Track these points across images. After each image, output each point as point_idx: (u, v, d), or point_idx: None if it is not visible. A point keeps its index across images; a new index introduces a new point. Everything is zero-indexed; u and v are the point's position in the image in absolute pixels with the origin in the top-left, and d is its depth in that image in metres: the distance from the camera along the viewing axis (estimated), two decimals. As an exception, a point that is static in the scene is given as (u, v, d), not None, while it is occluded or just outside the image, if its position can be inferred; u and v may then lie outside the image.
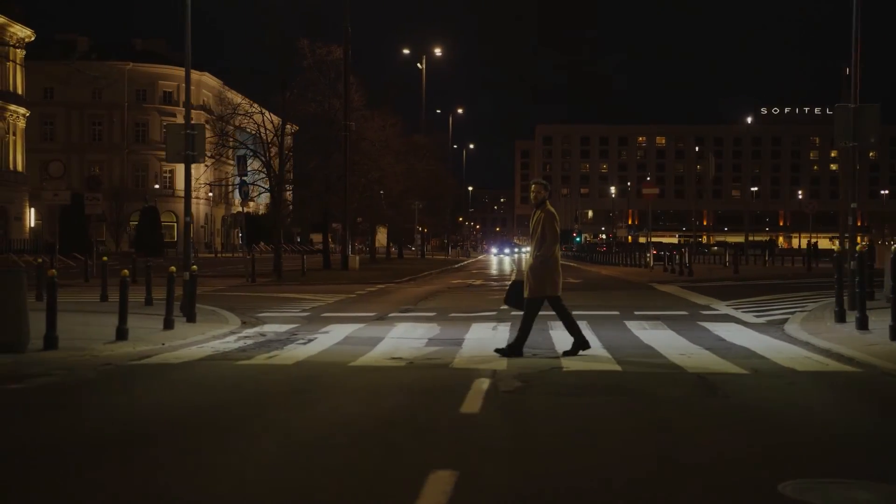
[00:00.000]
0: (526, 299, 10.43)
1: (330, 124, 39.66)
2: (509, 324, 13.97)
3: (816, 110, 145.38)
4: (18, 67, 67.69)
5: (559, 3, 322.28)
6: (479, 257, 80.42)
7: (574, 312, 15.50)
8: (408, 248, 76.09)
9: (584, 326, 13.35)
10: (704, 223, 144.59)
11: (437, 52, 63.41)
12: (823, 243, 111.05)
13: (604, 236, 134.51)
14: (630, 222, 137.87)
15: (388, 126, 45.49)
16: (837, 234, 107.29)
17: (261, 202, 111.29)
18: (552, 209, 10.44)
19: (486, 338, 12.11)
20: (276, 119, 36.78)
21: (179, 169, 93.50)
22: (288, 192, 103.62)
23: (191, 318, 14.14)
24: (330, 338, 12.27)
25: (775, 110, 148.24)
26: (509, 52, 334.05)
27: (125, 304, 11.95)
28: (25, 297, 10.24)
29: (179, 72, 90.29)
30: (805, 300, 17.43)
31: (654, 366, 9.27)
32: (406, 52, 61.66)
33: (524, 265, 10.80)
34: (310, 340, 11.98)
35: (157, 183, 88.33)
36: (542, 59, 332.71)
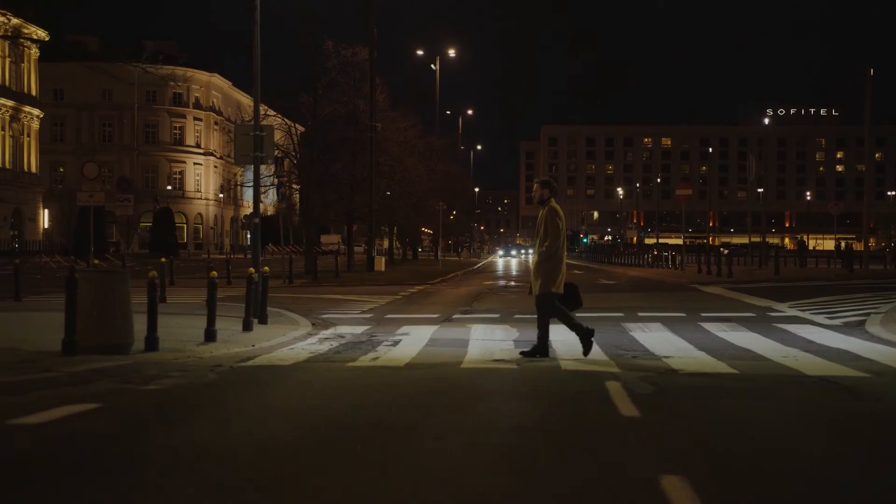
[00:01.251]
0: (536, 297, 10.45)
1: (355, 125, 39.62)
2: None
3: (822, 111, 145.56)
4: (33, 69, 67.77)
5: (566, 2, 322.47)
6: (490, 259, 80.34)
7: (640, 314, 15.73)
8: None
9: (659, 328, 13.46)
10: (710, 224, 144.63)
11: (451, 52, 63.37)
12: (830, 245, 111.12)
13: (609, 237, 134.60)
14: (635, 222, 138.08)
15: (409, 127, 45.54)
16: (849, 235, 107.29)
17: (268, 203, 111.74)
18: (556, 206, 10.41)
19: (569, 340, 12.07)
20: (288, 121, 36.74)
21: (189, 170, 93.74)
22: (295, 194, 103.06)
23: (262, 319, 14.11)
24: (414, 340, 12.25)
25: (781, 111, 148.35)
26: (513, 52, 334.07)
27: (213, 306, 11.95)
28: (130, 300, 10.23)
29: (189, 73, 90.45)
30: (866, 301, 17.46)
31: (767, 368, 9.24)
32: (420, 53, 61.59)
33: (530, 263, 10.89)
34: (396, 342, 11.96)
35: (169, 184, 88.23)
36: (548, 58, 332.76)
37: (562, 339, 12.25)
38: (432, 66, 63.71)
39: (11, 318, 13.72)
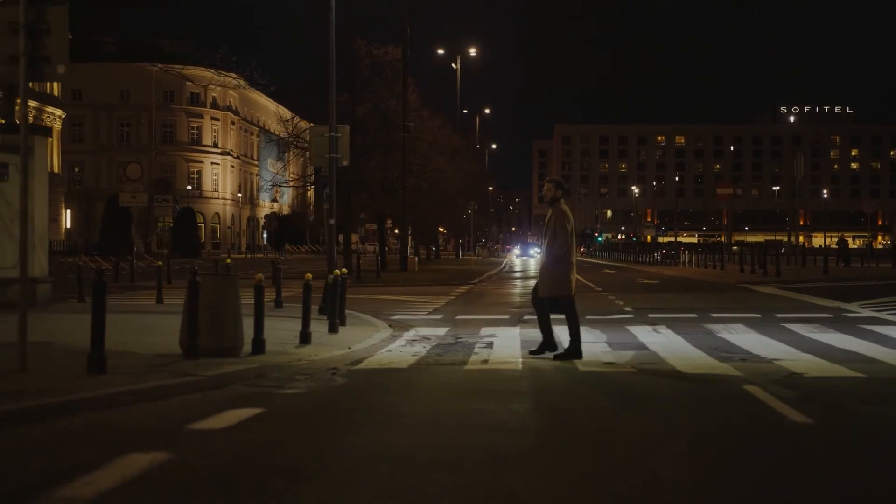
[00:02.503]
0: (552, 300, 10.36)
1: (386, 125, 39.59)
2: (664, 325, 13.96)
3: (837, 108, 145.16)
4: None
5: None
6: (510, 259, 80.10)
7: (714, 315, 15.69)
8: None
9: (743, 329, 13.41)
10: (724, 222, 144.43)
11: (472, 52, 63.27)
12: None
13: (622, 236, 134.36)
14: (649, 221, 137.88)
15: (438, 127, 45.52)
16: (863, 234, 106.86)
17: (284, 202, 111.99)
18: (564, 208, 10.37)
19: (661, 341, 12.04)
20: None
21: (207, 170, 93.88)
22: (309, 192, 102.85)
23: (342, 321, 14.11)
24: (505, 342, 12.23)
25: (795, 109, 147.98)
26: (526, 51, 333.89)
27: (308, 309, 11.96)
28: (240, 303, 10.23)
29: (207, 73, 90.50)
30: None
31: (888, 371, 9.20)
32: (440, 52, 61.51)
33: (539, 265, 10.84)
34: (489, 344, 11.94)
35: (187, 184, 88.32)
36: (562, 57, 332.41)
37: (650, 339, 12.24)
38: (453, 65, 63.72)
39: (82, 320, 13.68)
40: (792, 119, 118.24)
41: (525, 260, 70.17)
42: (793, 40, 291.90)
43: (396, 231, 64.48)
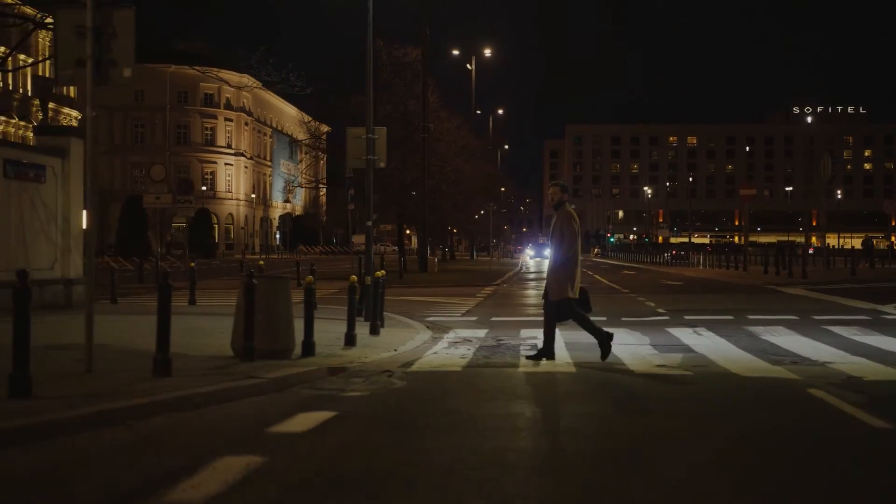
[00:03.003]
0: (553, 302, 10.40)
1: (406, 126, 39.62)
2: (703, 327, 13.93)
3: (850, 109, 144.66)
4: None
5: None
6: (521, 259, 79.71)
7: (751, 317, 15.65)
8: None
9: (785, 331, 13.37)
10: (737, 223, 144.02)
11: (487, 52, 63.24)
12: (858, 243, 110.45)
13: (633, 236, 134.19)
14: (661, 222, 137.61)
15: (456, 127, 45.59)
16: (876, 234, 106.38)
17: (297, 203, 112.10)
18: (571, 210, 10.43)
19: (705, 344, 11.99)
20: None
21: (221, 171, 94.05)
22: (322, 193, 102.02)
23: (382, 323, 14.12)
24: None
25: (807, 109, 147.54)
26: (537, 51, 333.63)
27: (353, 311, 12.00)
28: (291, 305, 10.26)
29: (221, 74, 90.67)
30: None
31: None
32: (455, 52, 61.49)
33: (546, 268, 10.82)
34: (532, 347, 11.90)
35: (203, 185, 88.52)
36: (575, 55, 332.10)
37: (693, 341, 12.21)
38: (468, 65, 63.72)
39: (138, 322, 13.75)
40: (808, 119, 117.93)
41: (539, 261, 69.77)
42: (804, 40, 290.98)
43: (408, 232, 64.45)
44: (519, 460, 5.42)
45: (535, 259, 76.72)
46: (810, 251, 36.06)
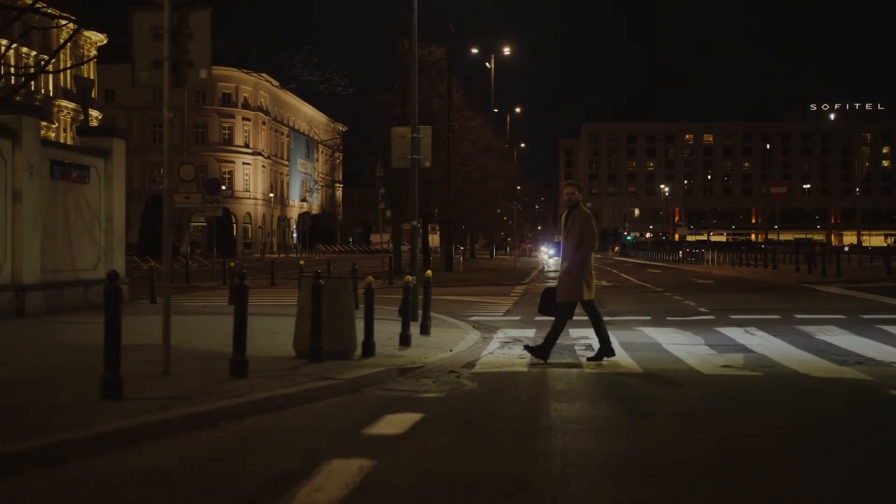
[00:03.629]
0: (559, 303, 10.30)
1: (430, 124, 39.55)
2: (753, 327, 13.85)
3: (867, 106, 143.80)
4: (92, 72, 68.36)
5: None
6: (540, 259, 79.09)
7: (797, 316, 15.55)
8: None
9: (838, 330, 13.27)
10: (753, 221, 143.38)
11: (506, 51, 63.13)
12: (877, 241, 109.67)
13: (650, 234, 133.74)
14: (677, 220, 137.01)
15: (479, 126, 45.52)
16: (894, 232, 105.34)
17: (314, 202, 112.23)
18: (588, 210, 10.33)
19: (761, 343, 11.90)
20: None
21: (238, 170, 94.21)
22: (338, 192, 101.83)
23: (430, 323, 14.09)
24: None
25: (825, 106, 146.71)
26: (549, 50, 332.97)
27: (408, 311, 11.99)
28: (353, 305, 10.25)
29: (238, 73, 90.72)
30: None
31: None
32: (475, 51, 61.38)
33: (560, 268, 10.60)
34: (587, 346, 11.80)
35: (222, 185, 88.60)
36: (589, 54, 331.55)
37: (749, 342, 12.12)
38: (487, 64, 63.65)
39: (188, 322, 13.76)
40: (833, 116, 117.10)
41: (559, 261, 68.39)
42: (822, 37, 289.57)
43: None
44: (631, 463, 5.37)
45: (555, 258, 75.48)
46: (846, 249, 35.73)
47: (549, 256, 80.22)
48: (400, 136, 15.48)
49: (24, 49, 48.75)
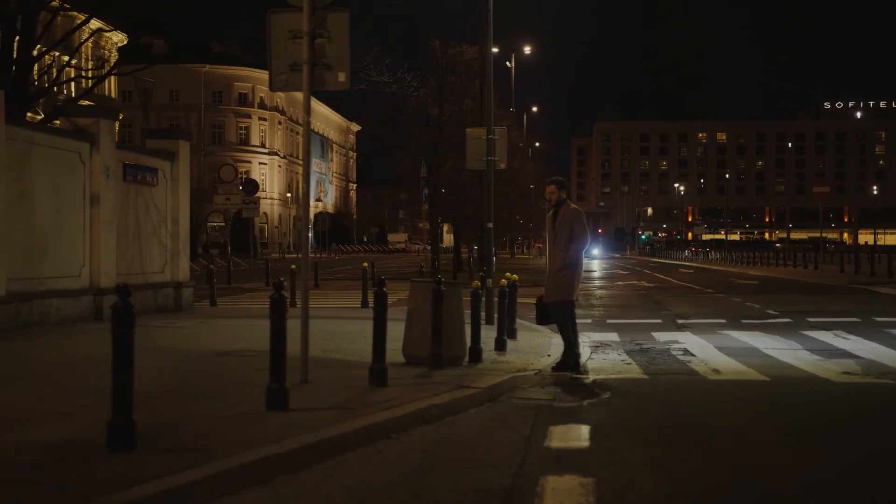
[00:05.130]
0: (555, 304, 9.81)
1: (462, 125, 39.38)
2: (840, 330, 13.68)
3: (882, 104, 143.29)
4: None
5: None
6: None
7: (876, 319, 15.35)
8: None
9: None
10: (767, 220, 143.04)
11: (527, 50, 62.88)
12: (892, 240, 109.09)
13: (663, 234, 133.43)
14: (690, 220, 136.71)
15: (510, 126, 45.36)
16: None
17: (328, 202, 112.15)
18: (577, 208, 9.91)
19: (862, 348, 11.69)
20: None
21: (255, 170, 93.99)
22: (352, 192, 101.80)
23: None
24: (699, 349, 11.85)
25: (839, 104, 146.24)
26: (562, 48, 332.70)
27: (503, 316, 11.85)
28: (463, 310, 10.11)
29: (255, 73, 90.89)
30: None
31: None
32: (495, 50, 61.06)
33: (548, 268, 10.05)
34: (685, 351, 11.63)
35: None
36: (599, 52, 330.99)
37: (849, 346, 11.94)
38: (507, 63, 63.41)
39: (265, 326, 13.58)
40: (858, 115, 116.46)
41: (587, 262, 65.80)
42: (837, 35, 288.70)
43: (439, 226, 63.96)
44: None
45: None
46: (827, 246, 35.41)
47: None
48: (474, 137, 15.36)
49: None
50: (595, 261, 64.57)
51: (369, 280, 19.74)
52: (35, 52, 16.83)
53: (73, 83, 18.91)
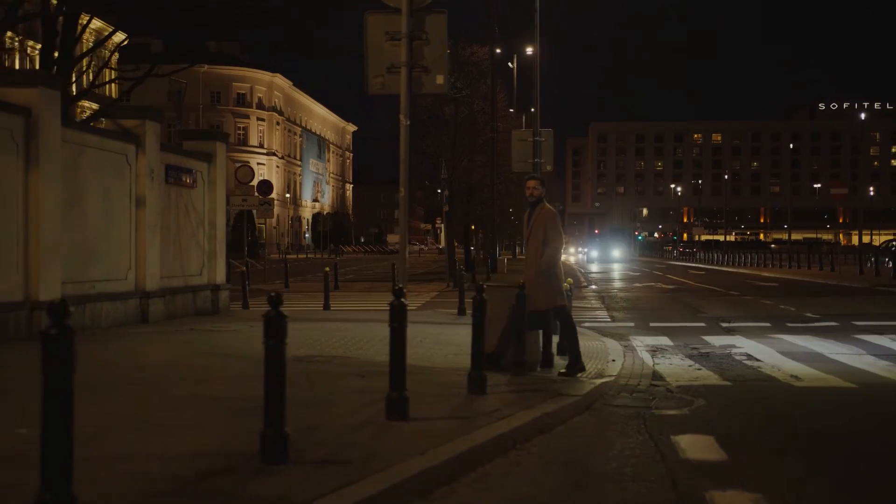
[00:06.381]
0: (548, 312, 9.29)
1: (472, 126, 39.29)
2: (894, 334, 13.63)
3: (877, 105, 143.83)
4: (113, 73, 67.96)
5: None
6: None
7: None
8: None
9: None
10: (762, 220, 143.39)
11: (528, 50, 62.78)
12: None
13: (657, 234, 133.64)
14: (685, 221, 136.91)
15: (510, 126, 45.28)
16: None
17: (325, 202, 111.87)
18: (551, 207, 9.51)
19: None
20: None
21: (253, 170, 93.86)
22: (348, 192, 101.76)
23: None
24: (760, 353, 11.75)
25: (833, 105, 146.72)
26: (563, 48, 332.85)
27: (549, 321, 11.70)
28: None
29: (252, 73, 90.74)
30: None
31: None
32: (498, 51, 60.97)
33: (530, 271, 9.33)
34: (749, 356, 11.51)
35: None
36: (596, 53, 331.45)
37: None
38: (509, 64, 63.32)
39: (312, 329, 13.45)
40: (864, 116, 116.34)
41: (601, 265, 58.31)
42: (832, 36, 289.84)
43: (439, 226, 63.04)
44: None
45: (599, 263, 62.90)
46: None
47: (587, 260, 69.43)
48: (520, 139, 15.27)
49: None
50: (609, 264, 61.06)
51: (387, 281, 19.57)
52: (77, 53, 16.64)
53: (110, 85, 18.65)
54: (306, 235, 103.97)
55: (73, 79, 18.00)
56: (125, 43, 62.79)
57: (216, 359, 9.86)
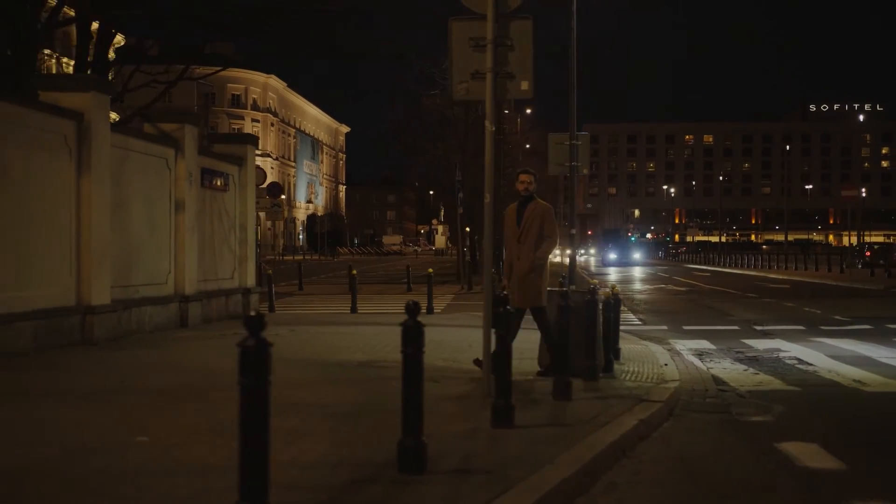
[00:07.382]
0: (537, 310, 8.77)
1: (481, 128, 39.29)
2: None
3: (867, 106, 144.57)
4: (110, 74, 67.70)
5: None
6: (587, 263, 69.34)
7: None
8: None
9: None
10: (753, 222, 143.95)
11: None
12: (877, 241, 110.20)
13: (650, 235, 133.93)
14: (677, 222, 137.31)
15: (527, 130, 45.39)
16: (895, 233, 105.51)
17: (319, 203, 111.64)
18: (547, 203, 9.22)
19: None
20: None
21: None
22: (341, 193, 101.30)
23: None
24: (807, 356, 11.85)
25: (824, 107, 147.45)
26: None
27: (618, 323, 11.71)
28: (600, 318, 9.96)
29: (247, 75, 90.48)
30: None
31: None
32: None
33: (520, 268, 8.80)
34: (799, 360, 11.55)
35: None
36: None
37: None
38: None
39: (344, 333, 13.40)
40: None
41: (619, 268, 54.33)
42: (821, 37, 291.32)
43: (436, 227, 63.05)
44: None
45: (619, 266, 57.18)
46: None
47: (603, 263, 63.40)
48: (557, 142, 15.24)
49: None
50: (629, 265, 58.05)
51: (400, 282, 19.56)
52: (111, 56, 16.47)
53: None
54: (300, 237, 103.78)
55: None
56: (122, 44, 62.83)
57: (280, 363, 9.77)
